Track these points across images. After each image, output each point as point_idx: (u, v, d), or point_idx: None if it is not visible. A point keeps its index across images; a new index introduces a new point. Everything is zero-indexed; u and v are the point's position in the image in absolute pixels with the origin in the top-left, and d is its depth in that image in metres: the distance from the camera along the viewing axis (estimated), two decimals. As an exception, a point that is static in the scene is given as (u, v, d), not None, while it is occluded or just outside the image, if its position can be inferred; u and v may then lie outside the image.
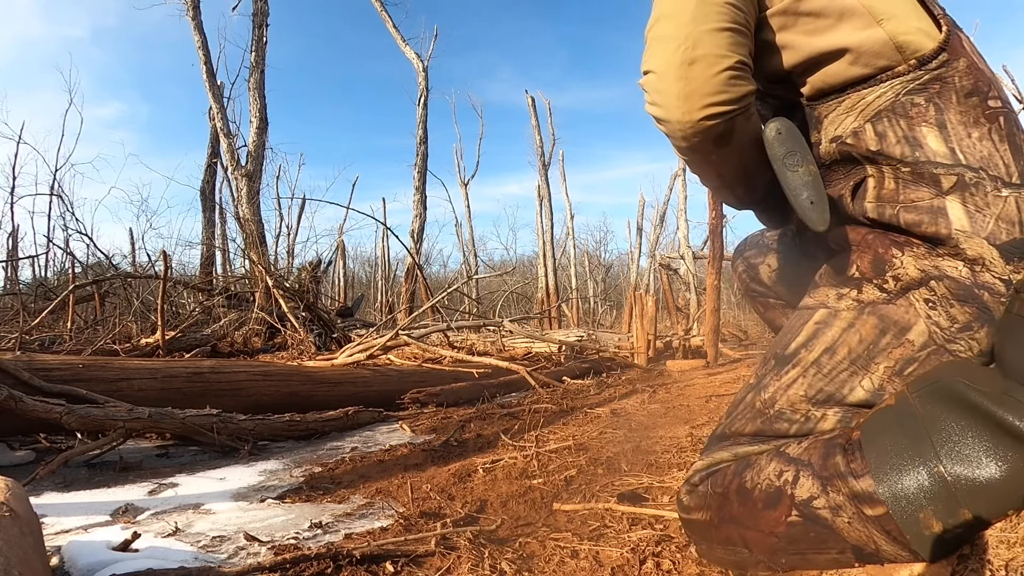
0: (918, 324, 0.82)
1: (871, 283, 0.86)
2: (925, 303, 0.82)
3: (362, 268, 24.13)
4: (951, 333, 0.80)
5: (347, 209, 15.77)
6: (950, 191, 0.81)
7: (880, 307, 0.84)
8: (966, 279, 0.80)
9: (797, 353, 0.89)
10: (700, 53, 0.80)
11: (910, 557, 0.70)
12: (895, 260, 0.85)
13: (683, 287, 11.69)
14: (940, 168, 0.82)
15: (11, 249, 10.87)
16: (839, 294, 0.89)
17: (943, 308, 0.81)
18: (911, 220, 0.83)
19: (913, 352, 0.82)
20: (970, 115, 0.82)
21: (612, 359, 4.65)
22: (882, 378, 0.82)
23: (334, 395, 2.69)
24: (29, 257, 10.15)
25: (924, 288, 0.82)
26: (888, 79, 0.85)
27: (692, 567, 0.88)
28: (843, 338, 0.86)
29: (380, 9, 10.96)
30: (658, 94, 0.84)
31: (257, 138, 7.31)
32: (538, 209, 16.10)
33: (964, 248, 0.80)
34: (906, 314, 0.83)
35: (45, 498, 1.41)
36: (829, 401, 0.84)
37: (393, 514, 1.25)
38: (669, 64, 0.81)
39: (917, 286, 0.83)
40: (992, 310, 0.79)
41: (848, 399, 0.83)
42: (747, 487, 0.81)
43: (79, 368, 2.03)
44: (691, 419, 2.11)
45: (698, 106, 0.81)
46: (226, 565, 0.97)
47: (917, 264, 0.83)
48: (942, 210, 0.81)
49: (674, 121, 0.83)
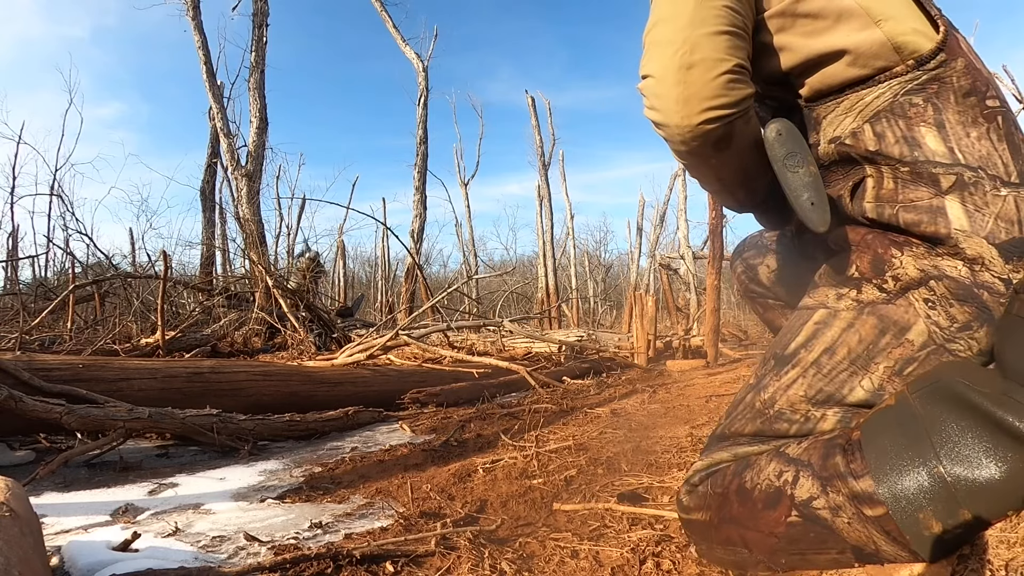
0: (918, 324, 0.82)
1: (870, 283, 0.86)
2: (925, 303, 0.82)
3: (362, 268, 24.16)
4: (951, 332, 0.80)
5: (347, 209, 15.79)
6: (949, 190, 0.81)
7: (880, 307, 0.84)
8: (965, 278, 0.80)
9: (797, 353, 0.89)
10: (698, 57, 0.80)
11: (910, 557, 0.70)
12: (894, 260, 0.84)
13: (683, 287, 11.69)
14: (939, 167, 0.82)
15: (11, 249, 10.88)
16: (839, 294, 0.89)
17: (943, 308, 0.81)
18: (910, 220, 0.83)
19: (913, 352, 0.82)
20: (968, 115, 0.82)
21: (612, 359, 4.65)
22: (882, 378, 0.82)
23: (334, 395, 2.69)
24: (29, 257, 10.16)
25: (924, 288, 0.82)
26: (886, 80, 0.85)
27: (692, 567, 0.88)
28: (843, 338, 0.85)
29: (380, 9, 10.96)
30: (656, 99, 0.83)
31: (257, 138, 7.31)
32: (538, 209, 16.11)
33: (963, 247, 0.80)
34: (905, 314, 0.83)
35: (45, 498, 1.41)
36: (829, 401, 0.84)
37: (393, 514, 1.25)
38: (667, 68, 0.81)
39: (916, 286, 0.82)
40: (992, 309, 0.79)
41: (848, 399, 0.83)
42: (747, 487, 0.81)
43: (79, 368, 2.03)
44: (691, 419, 2.11)
45: (697, 110, 0.81)
46: (226, 565, 0.97)
47: (916, 264, 0.83)
48: (941, 209, 0.81)
49: (673, 125, 0.83)
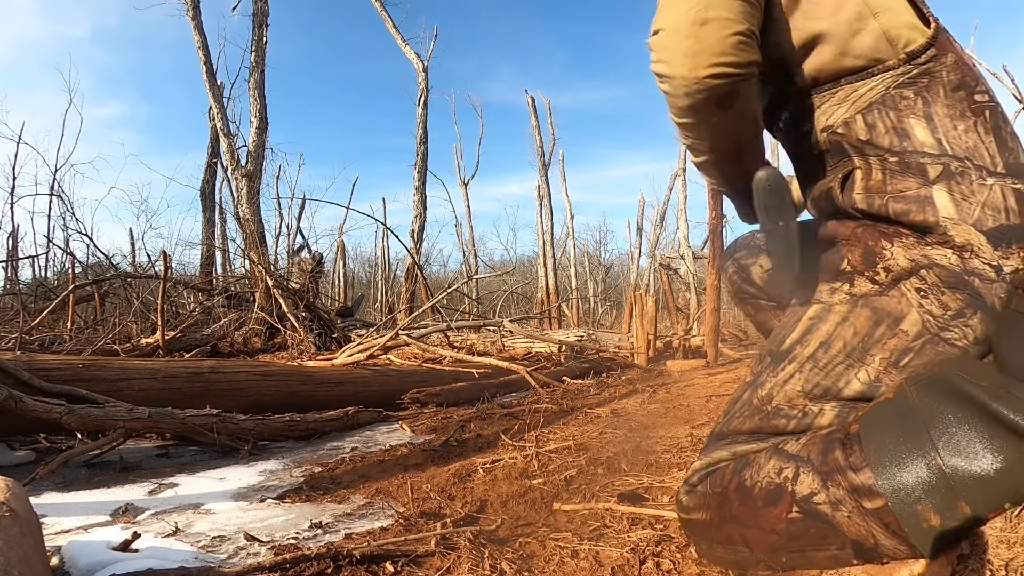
0: (911, 314, 0.83)
1: (863, 276, 0.87)
2: (917, 292, 0.83)
3: (362, 268, 24.14)
4: (944, 321, 0.81)
5: (347, 209, 15.78)
6: (936, 180, 0.83)
7: (873, 299, 0.85)
8: (956, 266, 0.81)
9: (792, 349, 0.89)
10: (712, 15, 0.81)
11: (908, 552, 0.70)
12: (885, 252, 0.86)
13: (683, 287, 11.70)
14: (927, 158, 0.83)
15: (11, 249, 10.87)
16: (832, 288, 0.90)
17: (935, 296, 0.82)
18: (899, 209, 0.85)
19: (908, 342, 0.82)
20: (957, 108, 0.84)
21: (612, 359, 4.65)
22: (878, 369, 0.82)
23: (334, 395, 2.69)
24: (29, 257, 10.16)
25: (915, 277, 0.83)
26: (879, 72, 0.87)
27: (692, 567, 0.88)
28: (837, 332, 0.86)
29: (380, 9, 10.96)
30: (665, 51, 0.84)
31: (257, 138, 7.31)
32: (538, 209, 16.11)
33: (952, 235, 0.81)
34: (899, 304, 0.84)
35: (45, 498, 1.41)
36: (826, 395, 0.84)
37: (393, 514, 1.25)
38: (680, 22, 0.82)
39: (908, 276, 0.84)
40: (983, 296, 0.79)
41: (844, 392, 0.84)
42: (747, 485, 0.81)
43: (79, 368, 2.03)
44: (691, 419, 2.11)
45: (705, 64, 0.81)
46: (226, 565, 0.97)
47: (907, 254, 0.84)
48: (929, 199, 0.83)
49: (679, 77, 0.83)
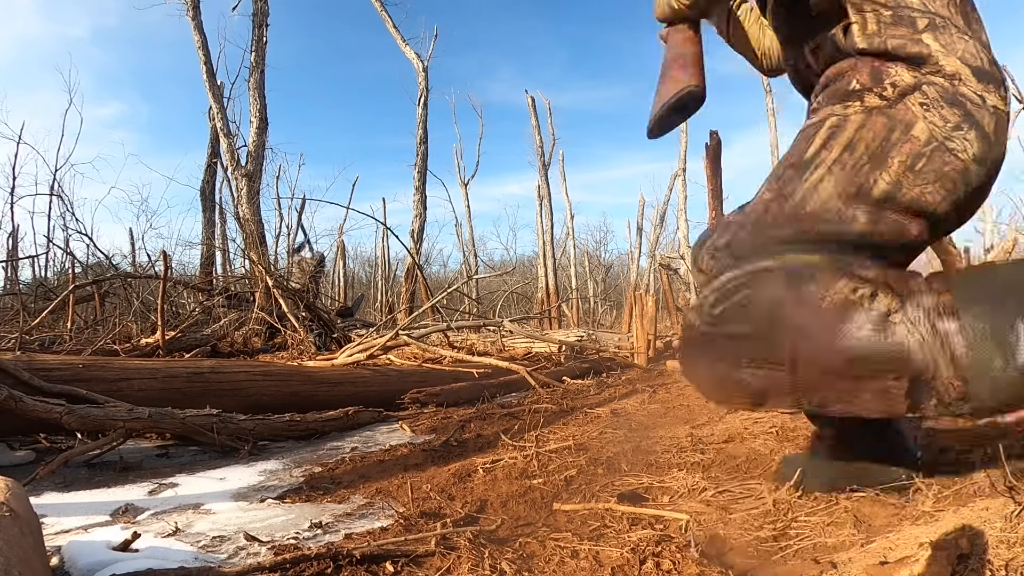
0: (919, 123, 0.93)
1: (871, 92, 0.97)
2: (920, 106, 0.94)
3: (362, 268, 24.13)
4: (947, 131, 0.92)
5: (347, 209, 15.80)
6: (924, 30, 0.96)
7: (885, 110, 0.96)
8: (949, 89, 0.93)
9: (818, 155, 0.97)
10: None
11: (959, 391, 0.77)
12: (890, 69, 0.97)
13: (683, 287, 11.69)
14: (916, 12, 0.97)
15: (11, 249, 10.88)
16: (844, 104, 0.99)
17: (936, 110, 0.93)
18: (896, 44, 0.97)
19: (920, 147, 0.92)
20: None
21: (612, 359, 4.65)
22: (898, 172, 0.92)
23: (334, 395, 2.69)
24: (29, 257, 10.16)
25: (918, 92, 0.94)
26: None
27: (692, 567, 0.88)
28: (859, 135, 0.95)
29: (380, 9, 10.95)
30: None
31: (257, 138, 7.30)
32: (538, 209, 16.12)
33: (943, 65, 0.94)
34: (907, 114, 0.94)
35: (45, 498, 1.41)
36: (857, 196, 0.93)
37: (393, 514, 1.25)
38: None
39: (912, 91, 0.95)
40: (974, 116, 0.91)
41: (873, 193, 0.93)
42: (815, 299, 0.87)
43: (79, 368, 2.03)
44: (691, 419, 2.11)
45: None
46: (226, 565, 0.97)
47: (910, 72, 0.96)
48: (920, 40, 0.96)
49: None
